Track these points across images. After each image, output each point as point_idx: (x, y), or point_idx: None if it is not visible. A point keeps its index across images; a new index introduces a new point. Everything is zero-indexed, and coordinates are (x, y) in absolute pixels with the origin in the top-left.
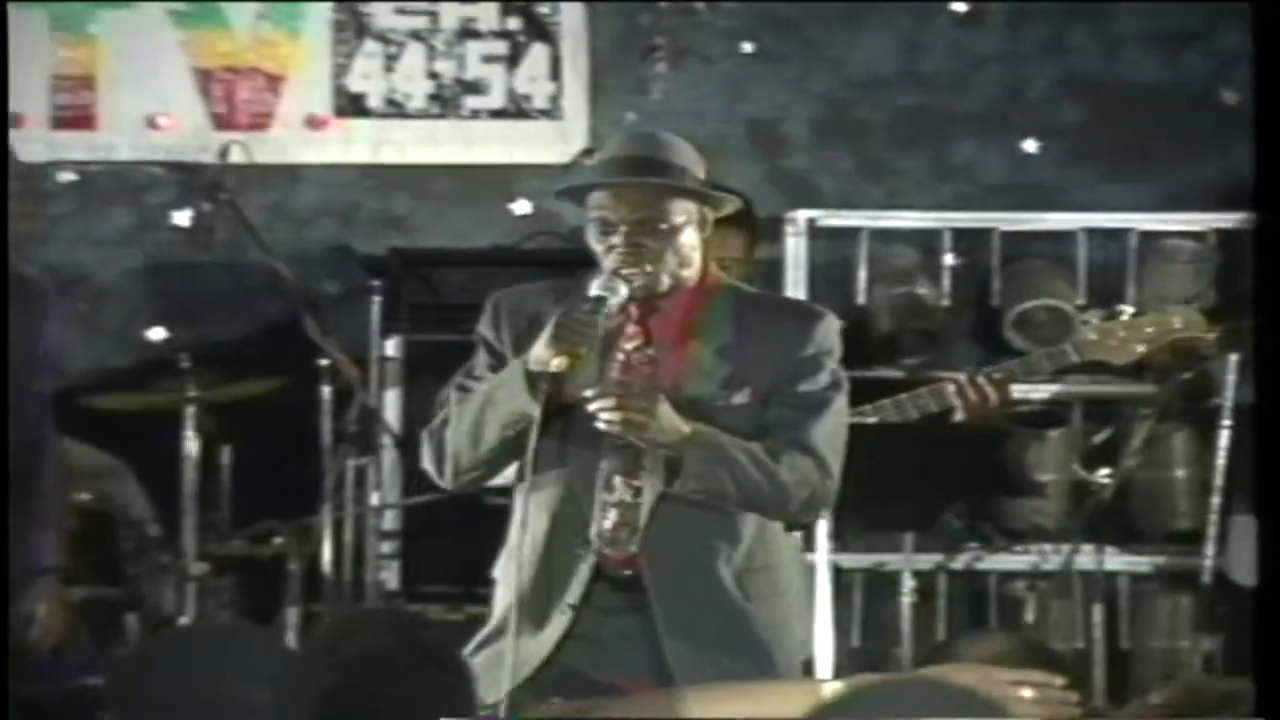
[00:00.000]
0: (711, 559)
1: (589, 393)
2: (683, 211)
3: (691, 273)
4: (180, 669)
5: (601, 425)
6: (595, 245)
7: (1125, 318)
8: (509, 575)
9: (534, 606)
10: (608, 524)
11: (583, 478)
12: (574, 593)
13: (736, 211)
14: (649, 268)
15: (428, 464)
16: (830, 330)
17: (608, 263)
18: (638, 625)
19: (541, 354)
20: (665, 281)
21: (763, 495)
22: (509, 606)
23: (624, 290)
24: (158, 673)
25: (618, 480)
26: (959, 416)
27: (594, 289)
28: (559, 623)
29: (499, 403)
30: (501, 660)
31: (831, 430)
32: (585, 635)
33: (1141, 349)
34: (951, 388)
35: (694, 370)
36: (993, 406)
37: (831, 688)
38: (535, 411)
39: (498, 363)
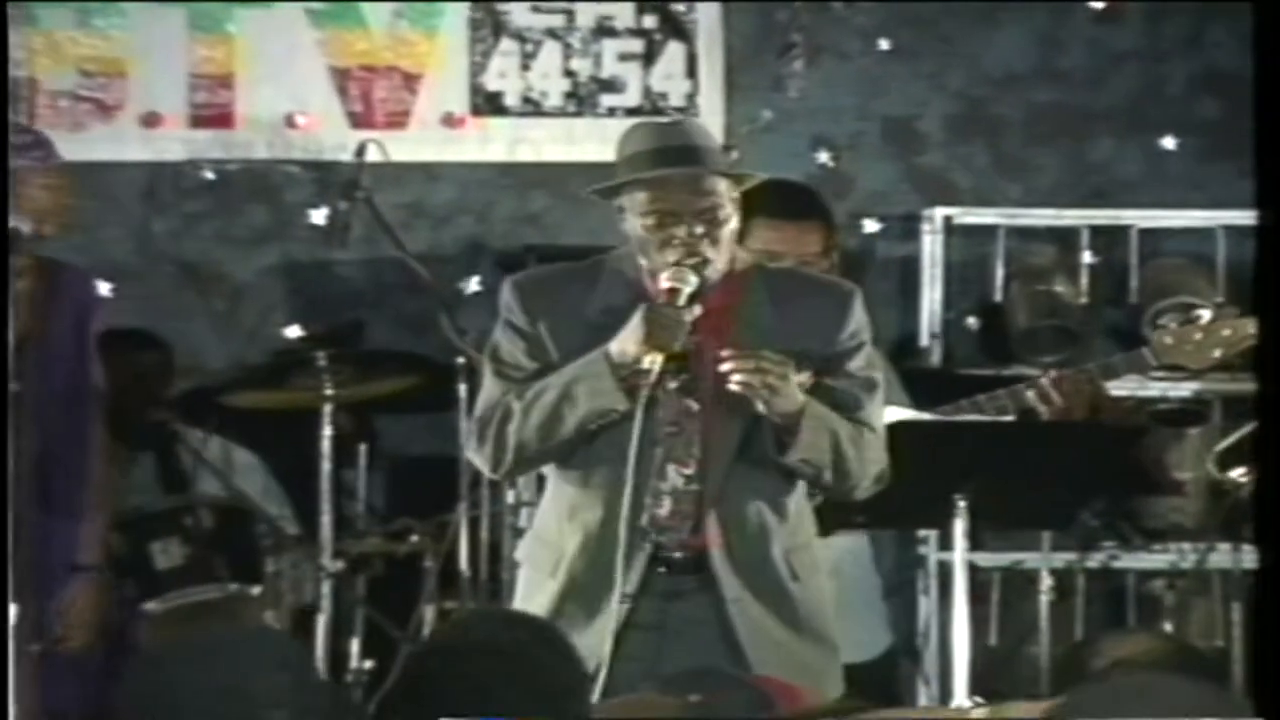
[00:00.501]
0: (767, 539)
1: (724, 353)
2: (730, 197)
3: (731, 256)
4: (191, 674)
5: (734, 386)
6: (647, 236)
7: (1203, 322)
8: (538, 560)
9: (589, 596)
10: (663, 511)
11: (636, 466)
12: (632, 581)
13: (810, 206)
14: (711, 255)
15: (477, 454)
16: (861, 305)
17: (669, 254)
18: (701, 609)
19: (630, 349)
20: (719, 269)
21: (849, 470)
22: (557, 596)
23: (694, 280)
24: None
25: (670, 468)
26: (1044, 415)
27: (665, 281)
28: (619, 613)
29: (580, 398)
30: None
31: (882, 408)
32: (647, 624)
33: (1218, 353)
34: (1032, 393)
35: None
36: (1075, 407)
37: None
38: (624, 406)
39: (533, 347)
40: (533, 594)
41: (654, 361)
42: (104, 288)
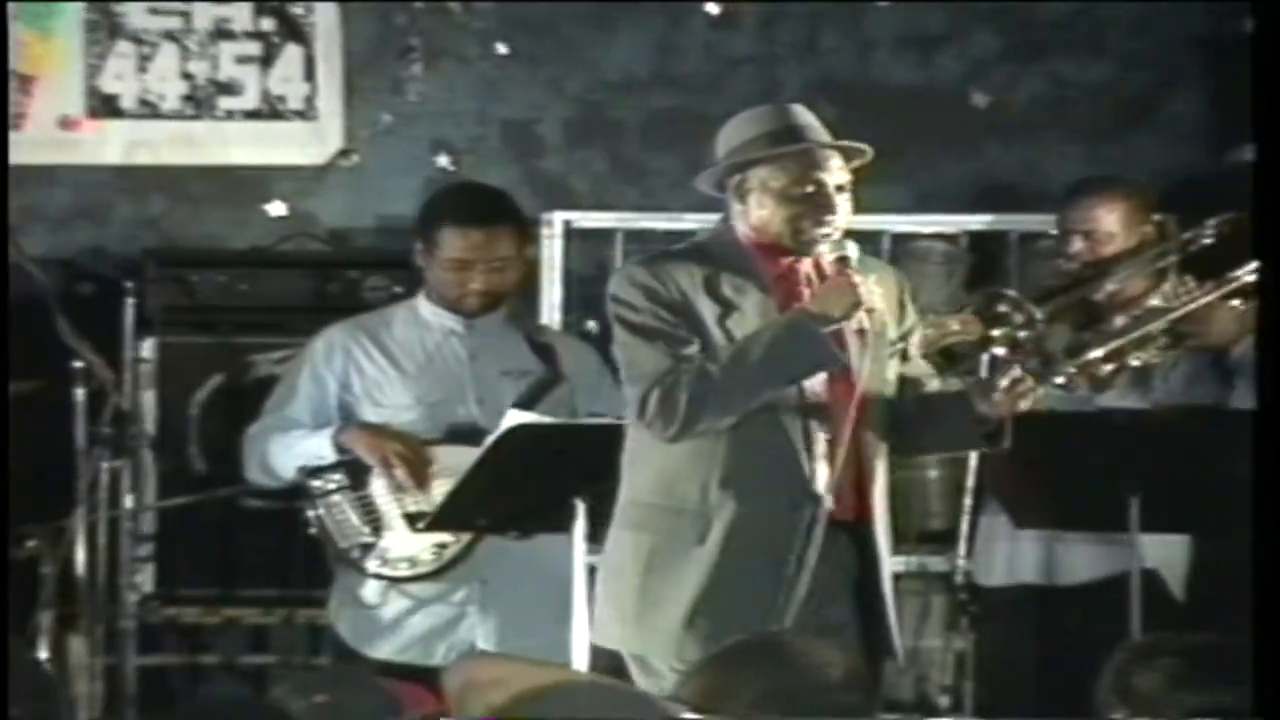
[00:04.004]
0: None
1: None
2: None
3: None
4: None
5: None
6: (787, 212)
7: None
8: (674, 529)
9: (750, 563)
10: (817, 476)
11: (791, 433)
12: (795, 547)
13: (499, 210)
14: (843, 226)
15: (660, 419)
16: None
17: (814, 229)
18: (847, 575)
19: (834, 310)
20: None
21: None
22: (713, 565)
23: (854, 249)
24: None
25: (821, 435)
26: None
27: (829, 253)
28: (785, 577)
29: (793, 356)
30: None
31: None
32: (806, 587)
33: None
34: None
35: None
36: None
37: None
38: (838, 364)
39: (685, 319)
40: (671, 561)
41: (859, 321)
42: None
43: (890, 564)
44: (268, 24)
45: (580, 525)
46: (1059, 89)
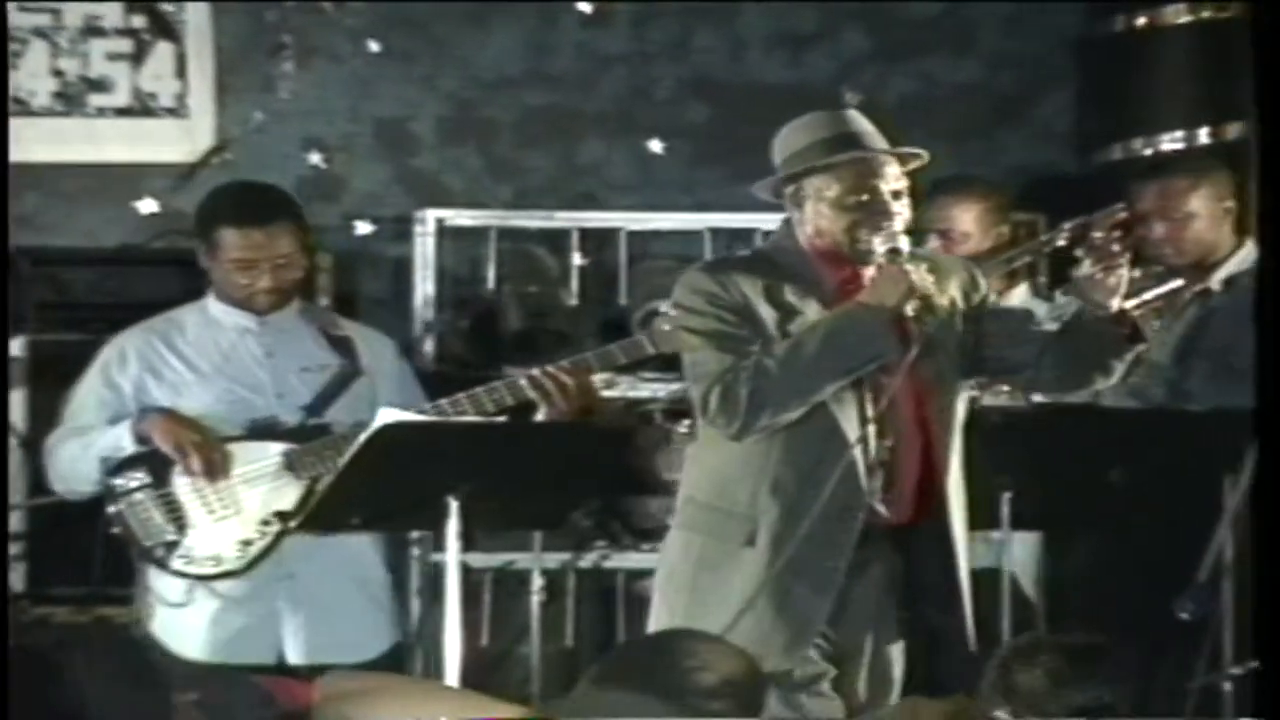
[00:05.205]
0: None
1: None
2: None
3: None
4: None
5: None
6: (847, 216)
7: None
8: (723, 530)
9: (800, 566)
10: (876, 483)
11: (848, 438)
12: (844, 554)
13: (276, 208)
14: (902, 229)
15: (722, 416)
16: None
17: (870, 233)
18: (892, 579)
19: (889, 299)
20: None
21: None
22: (765, 565)
23: (904, 242)
24: None
25: (878, 441)
26: (543, 411)
27: (881, 247)
28: (833, 583)
29: (850, 347)
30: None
31: None
32: (849, 592)
33: None
34: (524, 381)
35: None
36: (573, 398)
37: None
38: (894, 352)
39: (746, 322)
40: (720, 561)
41: (915, 308)
42: None
43: (965, 561)
44: (139, 21)
45: (453, 523)
46: (929, 88)
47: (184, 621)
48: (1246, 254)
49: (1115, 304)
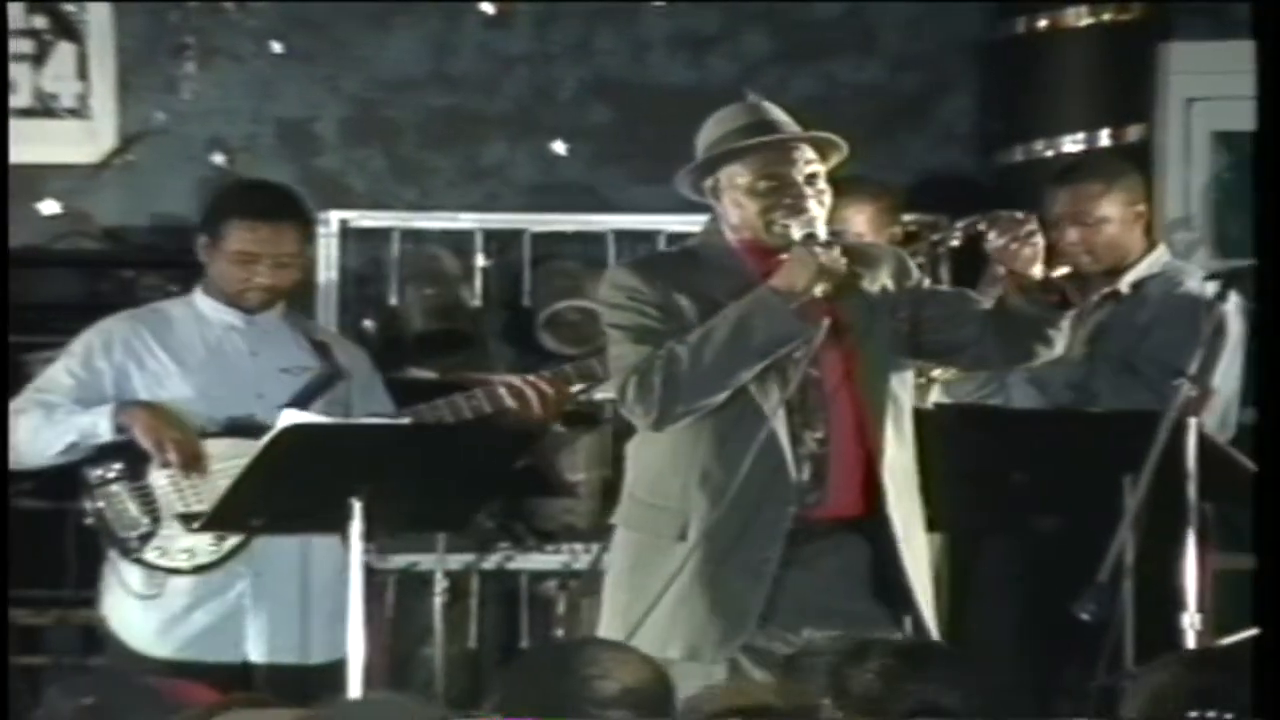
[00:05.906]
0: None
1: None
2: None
3: None
4: None
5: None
6: (759, 204)
7: None
8: (656, 524)
9: (727, 559)
10: (804, 476)
11: (776, 430)
12: (775, 546)
13: (286, 207)
14: (819, 214)
15: (638, 406)
16: None
17: (785, 217)
18: (864, 568)
19: (799, 281)
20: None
21: None
22: (691, 558)
23: (823, 227)
24: None
25: (806, 433)
26: (515, 417)
27: (798, 231)
28: (766, 574)
29: (757, 330)
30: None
31: None
32: (792, 585)
33: None
34: (503, 390)
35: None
36: (552, 408)
37: None
38: (802, 333)
39: (668, 316)
40: (654, 558)
41: (824, 290)
42: None
43: (915, 550)
44: (40, 21)
45: (357, 525)
46: (831, 89)
47: (150, 621)
48: (1156, 258)
49: (1038, 271)
